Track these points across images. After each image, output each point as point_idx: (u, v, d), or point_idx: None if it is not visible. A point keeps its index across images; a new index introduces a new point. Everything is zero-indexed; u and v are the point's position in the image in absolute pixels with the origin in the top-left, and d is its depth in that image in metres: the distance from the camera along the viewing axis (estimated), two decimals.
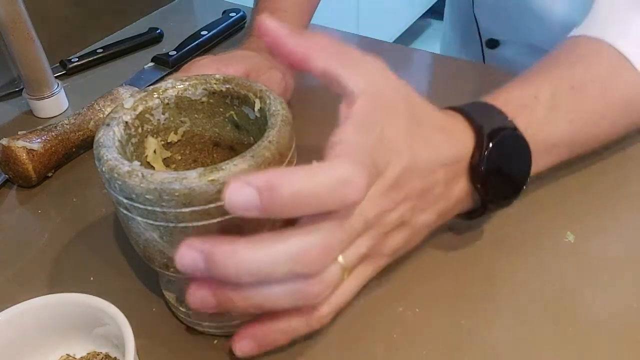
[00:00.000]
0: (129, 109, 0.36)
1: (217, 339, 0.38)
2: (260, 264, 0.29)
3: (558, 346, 0.37)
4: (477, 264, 0.42)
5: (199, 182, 0.30)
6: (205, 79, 0.38)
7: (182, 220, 0.31)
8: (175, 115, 0.39)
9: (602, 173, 0.50)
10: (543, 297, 0.40)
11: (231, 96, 0.37)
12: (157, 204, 0.30)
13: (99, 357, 0.36)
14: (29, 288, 0.42)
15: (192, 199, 0.30)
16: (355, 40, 0.73)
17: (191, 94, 0.38)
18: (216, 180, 0.30)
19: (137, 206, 0.31)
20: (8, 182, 0.52)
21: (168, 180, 0.30)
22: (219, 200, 0.30)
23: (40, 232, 0.47)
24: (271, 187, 0.27)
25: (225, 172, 0.30)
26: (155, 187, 0.30)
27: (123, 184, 0.31)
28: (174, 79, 0.38)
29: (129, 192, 0.31)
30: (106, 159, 0.32)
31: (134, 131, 0.37)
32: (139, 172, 0.30)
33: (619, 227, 0.45)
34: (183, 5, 0.82)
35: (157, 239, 0.32)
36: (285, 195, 0.28)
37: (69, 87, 0.64)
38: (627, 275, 0.41)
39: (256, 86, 0.36)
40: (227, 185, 0.28)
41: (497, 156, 0.38)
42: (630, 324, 0.38)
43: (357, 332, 0.38)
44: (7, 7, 0.54)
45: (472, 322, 0.38)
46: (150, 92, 0.38)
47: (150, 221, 0.31)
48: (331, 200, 0.29)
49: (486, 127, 0.38)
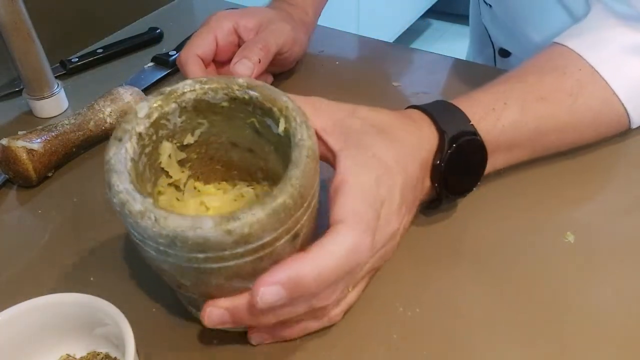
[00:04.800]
0: (142, 117, 0.34)
1: (217, 339, 0.38)
2: (284, 314, 0.33)
3: (559, 346, 0.37)
4: (477, 264, 0.42)
5: (215, 233, 0.28)
6: (226, 83, 0.35)
7: (194, 262, 0.30)
8: (192, 118, 0.36)
9: (603, 173, 0.50)
10: (543, 297, 0.40)
11: (254, 105, 0.35)
12: (170, 247, 0.29)
13: (99, 357, 0.36)
14: (29, 288, 0.42)
15: (206, 248, 0.29)
16: (355, 40, 0.73)
17: (210, 98, 0.35)
18: (233, 231, 0.28)
19: (148, 243, 0.30)
20: (8, 182, 0.52)
21: (182, 228, 0.28)
22: (235, 248, 0.29)
23: (40, 232, 0.47)
24: (295, 282, 0.31)
25: (242, 222, 0.28)
26: (168, 233, 0.28)
27: (135, 223, 0.29)
28: (193, 81, 0.35)
29: (140, 232, 0.29)
30: (117, 190, 0.30)
31: (148, 140, 0.35)
32: (151, 215, 0.29)
33: (619, 227, 0.45)
34: (183, 5, 0.82)
35: (168, 270, 0.32)
36: (308, 283, 0.31)
37: (69, 87, 0.63)
38: (627, 275, 0.41)
39: (281, 100, 0.34)
40: (254, 290, 0.30)
41: (456, 159, 0.41)
42: (630, 324, 0.38)
43: (358, 332, 0.38)
44: (7, 7, 0.54)
45: (472, 323, 0.38)
46: (167, 96, 0.35)
47: (162, 257, 0.31)
48: (346, 267, 0.33)
49: (449, 132, 0.41)
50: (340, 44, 0.71)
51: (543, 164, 0.49)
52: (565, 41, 0.49)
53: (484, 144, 0.42)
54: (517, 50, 0.71)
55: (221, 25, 0.57)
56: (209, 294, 0.34)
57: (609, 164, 0.50)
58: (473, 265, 0.42)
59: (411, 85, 0.63)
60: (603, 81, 0.46)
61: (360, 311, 0.39)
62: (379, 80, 0.64)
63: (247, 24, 0.57)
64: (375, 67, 0.67)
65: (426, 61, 0.67)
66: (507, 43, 0.72)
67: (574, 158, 0.50)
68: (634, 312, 0.38)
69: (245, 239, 0.29)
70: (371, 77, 0.64)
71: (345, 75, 0.65)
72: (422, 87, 0.62)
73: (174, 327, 0.39)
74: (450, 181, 0.42)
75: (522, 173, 0.48)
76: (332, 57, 0.68)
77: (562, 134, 0.47)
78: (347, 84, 0.63)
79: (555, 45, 0.49)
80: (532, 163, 0.48)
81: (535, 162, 0.48)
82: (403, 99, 0.60)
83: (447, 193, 0.42)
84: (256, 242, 0.29)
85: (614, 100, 0.47)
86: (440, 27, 2.64)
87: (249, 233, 0.29)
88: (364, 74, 0.65)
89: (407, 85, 0.62)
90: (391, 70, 0.66)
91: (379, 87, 0.62)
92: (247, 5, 0.77)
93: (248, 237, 0.29)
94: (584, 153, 0.50)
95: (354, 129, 0.38)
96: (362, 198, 0.34)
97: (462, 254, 0.43)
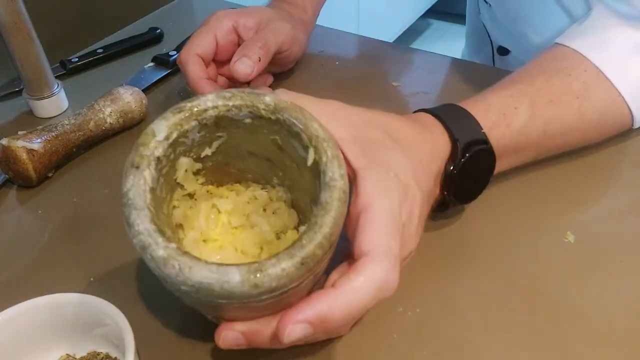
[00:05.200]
0: (162, 140, 0.31)
1: None
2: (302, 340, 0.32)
3: (559, 346, 0.37)
4: (477, 264, 0.42)
5: (242, 287, 0.27)
6: (252, 101, 0.32)
7: (215, 304, 0.29)
8: (211, 132, 0.34)
9: (603, 173, 0.50)
10: (543, 297, 0.40)
11: (280, 125, 0.33)
12: (193, 293, 0.29)
13: (99, 357, 0.36)
14: (29, 288, 0.42)
15: (232, 298, 0.28)
16: (355, 40, 0.73)
17: (234, 115, 0.33)
18: (260, 286, 0.27)
19: (171, 284, 0.29)
20: (8, 182, 0.52)
21: (207, 280, 0.27)
22: (260, 297, 0.28)
23: (40, 232, 0.47)
24: (323, 319, 0.30)
25: (270, 277, 0.27)
26: (193, 284, 0.28)
27: (157, 269, 0.28)
28: (215, 96, 0.33)
29: (163, 277, 0.29)
30: (138, 230, 0.29)
31: (166, 161, 0.32)
32: (175, 264, 0.28)
33: (619, 227, 0.45)
34: (183, 5, 0.82)
35: (187, 302, 0.32)
36: (336, 320, 0.30)
37: (69, 87, 0.63)
38: (627, 275, 0.41)
39: (312, 127, 0.32)
40: (281, 327, 0.29)
41: (467, 167, 0.41)
42: (630, 324, 0.38)
43: (358, 332, 0.38)
44: (7, 7, 0.54)
45: (472, 323, 0.38)
46: (187, 114, 0.32)
47: (182, 296, 0.30)
48: (374, 302, 0.31)
49: (461, 140, 0.41)
50: (340, 44, 0.71)
51: (543, 165, 0.49)
52: (567, 42, 0.49)
53: (494, 151, 0.42)
54: (516, 49, 0.71)
55: (221, 24, 0.57)
56: (226, 318, 0.33)
57: (609, 165, 0.50)
58: (473, 265, 0.42)
59: (411, 85, 0.63)
60: (608, 82, 0.46)
61: None
62: (379, 80, 0.64)
63: (246, 23, 0.57)
64: (375, 67, 0.67)
65: (426, 61, 0.67)
66: (506, 41, 0.72)
67: (574, 159, 0.50)
68: (634, 312, 0.38)
69: (271, 290, 0.28)
70: (371, 77, 0.64)
71: (345, 75, 0.65)
72: (422, 87, 0.62)
73: (174, 327, 0.39)
74: (459, 189, 0.42)
75: (521, 174, 0.48)
76: (332, 57, 0.68)
77: (568, 136, 0.47)
78: (347, 84, 0.63)
79: (558, 46, 0.49)
80: (533, 164, 0.48)
81: (535, 163, 0.48)
82: (403, 99, 0.60)
83: (455, 201, 0.42)
84: (282, 289, 0.29)
85: (619, 100, 0.47)
86: (440, 27, 2.64)
87: (276, 286, 0.28)
88: (364, 74, 0.65)
89: (407, 85, 0.62)
90: (391, 70, 0.66)
91: (379, 87, 0.62)
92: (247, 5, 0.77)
93: (275, 289, 0.28)
94: (584, 154, 0.50)
95: (373, 141, 0.37)
96: (388, 227, 0.33)
97: (462, 254, 0.43)
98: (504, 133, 0.43)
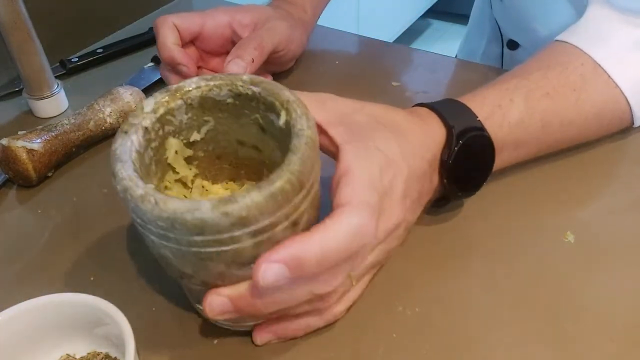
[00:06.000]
0: (149, 112, 0.35)
1: (217, 339, 0.38)
2: (285, 298, 0.33)
3: (558, 346, 0.37)
4: (476, 264, 0.42)
5: (212, 215, 0.29)
6: (231, 80, 0.36)
7: (193, 245, 0.30)
8: (198, 115, 0.37)
9: (603, 173, 0.50)
10: (543, 297, 0.40)
11: (257, 100, 0.36)
12: (169, 231, 0.30)
13: (99, 357, 0.36)
14: (29, 288, 0.42)
15: (204, 230, 0.29)
16: (355, 40, 0.73)
17: (215, 95, 0.36)
18: (230, 213, 0.29)
19: (149, 228, 0.31)
20: (8, 182, 0.52)
21: (180, 210, 0.29)
22: (232, 231, 0.30)
23: (40, 232, 0.47)
24: (297, 260, 0.30)
25: (240, 205, 0.29)
26: (167, 215, 0.29)
27: (136, 207, 0.30)
28: (198, 78, 0.36)
29: (141, 215, 0.30)
30: (121, 177, 0.31)
31: (154, 135, 0.35)
32: (151, 198, 0.30)
33: (619, 227, 0.45)
34: (183, 6, 0.82)
35: (170, 257, 0.32)
36: (311, 263, 0.31)
37: (69, 87, 0.64)
38: (627, 275, 0.41)
39: (284, 94, 0.35)
40: (256, 268, 0.30)
41: (464, 154, 0.41)
42: (630, 324, 0.38)
43: (358, 332, 0.38)
44: (7, 7, 0.54)
45: (472, 322, 0.38)
46: (173, 93, 0.36)
47: (163, 242, 0.31)
48: (349, 250, 0.32)
49: (456, 127, 0.41)
50: (340, 44, 0.71)
51: (543, 164, 0.49)
52: (566, 38, 0.49)
53: (491, 139, 0.42)
54: (526, 43, 0.71)
55: (214, 15, 0.58)
56: (211, 283, 0.34)
57: (609, 164, 0.50)
58: (473, 265, 0.42)
59: (411, 85, 0.63)
60: (606, 75, 0.46)
61: (360, 310, 0.39)
62: (379, 80, 0.64)
63: (242, 20, 0.58)
64: (375, 67, 0.67)
65: (426, 61, 0.67)
66: (517, 35, 0.72)
67: (573, 158, 0.50)
68: (634, 312, 0.38)
69: (242, 222, 0.29)
70: (371, 77, 0.64)
71: (345, 75, 0.65)
72: (422, 86, 0.62)
73: (174, 327, 0.39)
74: (459, 177, 0.42)
75: (521, 173, 0.48)
76: (332, 56, 0.68)
77: (567, 131, 0.47)
78: (347, 83, 0.63)
79: (557, 42, 0.50)
80: (532, 162, 0.48)
81: (535, 162, 0.48)
82: (403, 99, 0.60)
83: (456, 190, 0.42)
84: (254, 225, 0.30)
85: (617, 93, 0.47)
86: (440, 27, 2.64)
87: (246, 216, 0.29)
88: (364, 73, 0.65)
89: (406, 85, 0.62)
90: (391, 70, 0.66)
91: (379, 87, 0.62)
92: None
93: (245, 219, 0.29)
94: (583, 153, 0.50)
95: (359, 124, 0.38)
96: (366, 184, 0.34)
97: (461, 254, 0.43)
98: (501, 124, 0.43)
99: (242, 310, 0.33)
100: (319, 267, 0.31)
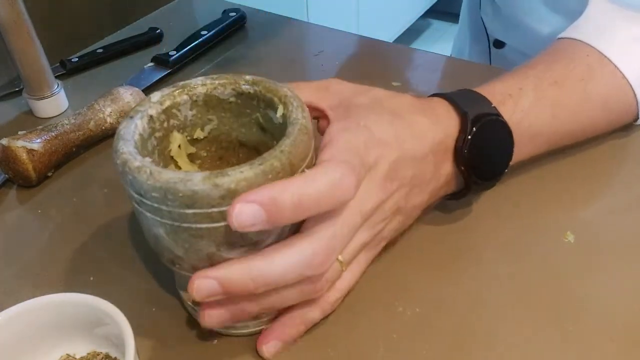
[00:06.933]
0: (155, 102, 0.36)
1: (217, 339, 0.38)
2: (274, 275, 0.32)
3: (559, 346, 0.37)
4: (477, 264, 0.42)
5: (203, 186, 0.30)
6: (234, 79, 0.38)
7: (185, 220, 0.31)
8: (202, 113, 0.39)
9: (604, 173, 0.50)
10: (543, 297, 0.40)
11: (258, 98, 0.37)
12: (163, 203, 0.31)
13: (99, 357, 0.36)
14: (29, 288, 0.42)
15: (194, 201, 0.30)
16: (355, 40, 0.73)
17: (220, 93, 0.38)
18: (220, 185, 0.30)
19: (145, 202, 0.32)
20: (8, 182, 0.52)
21: (173, 180, 0.30)
22: (222, 205, 0.30)
23: (40, 232, 0.47)
24: (273, 201, 0.30)
25: (230, 178, 0.30)
26: (161, 185, 0.30)
27: (133, 179, 0.31)
28: (204, 77, 0.38)
29: (137, 187, 0.31)
30: (121, 151, 0.32)
31: (159, 125, 0.37)
32: (147, 169, 0.31)
33: (619, 227, 0.45)
34: (183, 5, 0.82)
35: (164, 236, 0.33)
36: (287, 206, 0.30)
37: (69, 87, 0.63)
38: (627, 275, 0.41)
39: (282, 90, 0.36)
40: (232, 207, 0.30)
41: (480, 140, 0.40)
42: (630, 323, 0.38)
43: (358, 332, 0.38)
44: (7, 7, 0.54)
45: (472, 323, 0.38)
46: (180, 88, 0.37)
47: (157, 218, 0.32)
48: (328, 202, 0.32)
49: (470, 113, 0.40)
50: (340, 44, 0.71)
51: (543, 164, 0.49)
52: (569, 34, 0.49)
53: (509, 125, 0.41)
54: (514, 42, 0.71)
55: None
56: (200, 269, 0.33)
57: (609, 164, 0.50)
58: (473, 265, 0.42)
59: (411, 85, 0.63)
60: (612, 65, 0.47)
61: (360, 311, 0.39)
62: (379, 80, 0.63)
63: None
64: (375, 67, 0.67)
65: (426, 61, 0.67)
66: (504, 35, 0.72)
67: (573, 158, 0.50)
68: (634, 311, 0.38)
69: (232, 195, 0.30)
70: (371, 77, 0.64)
71: (345, 75, 0.65)
72: (422, 86, 0.62)
73: (174, 327, 0.39)
74: (478, 165, 0.41)
75: (521, 173, 0.48)
76: (332, 57, 0.68)
77: (576, 121, 0.47)
78: None
79: (561, 39, 0.50)
80: (532, 163, 0.48)
81: (535, 162, 0.48)
82: None
83: (476, 178, 0.41)
84: None
85: (624, 84, 0.47)
86: (440, 27, 2.64)
87: (235, 189, 0.30)
88: (364, 74, 0.65)
89: (407, 85, 0.62)
90: (391, 70, 0.66)
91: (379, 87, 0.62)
92: (248, 5, 0.77)
93: (234, 192, 0.30)
94: (584, 153, 0.50)
95: (359, 105, 0.38)
96: (348, 149, 0.34)
97: (462, 254, 0.43)
98: (513, 111, 0.43)
99: (232, 291, 0.32)
100: (295, 213, 0.31)
